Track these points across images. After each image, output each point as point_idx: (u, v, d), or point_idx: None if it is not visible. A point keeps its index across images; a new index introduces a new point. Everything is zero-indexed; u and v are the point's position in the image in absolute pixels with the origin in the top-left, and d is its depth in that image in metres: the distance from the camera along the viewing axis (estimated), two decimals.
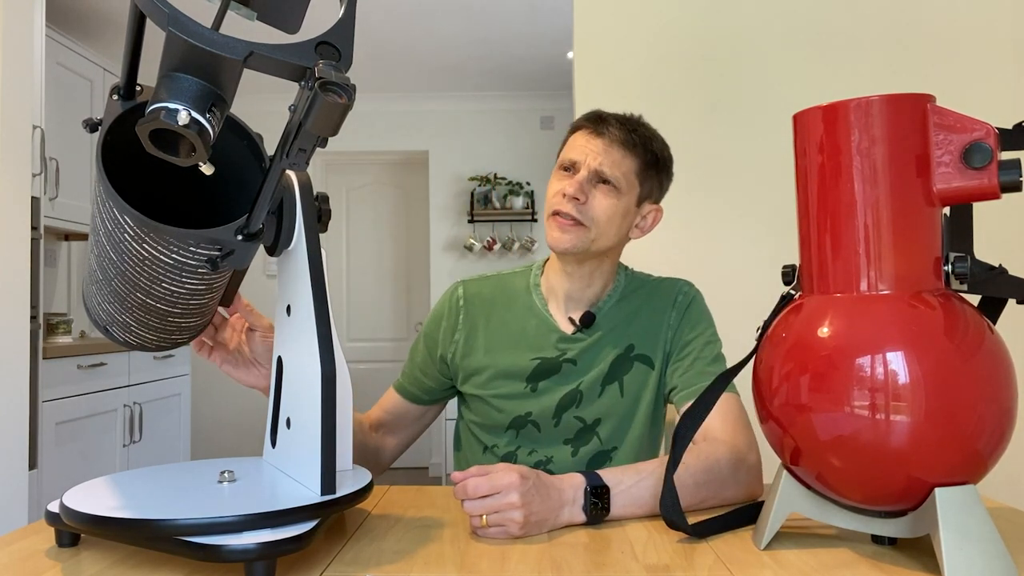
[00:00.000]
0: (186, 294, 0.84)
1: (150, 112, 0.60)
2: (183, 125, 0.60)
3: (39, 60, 2.91)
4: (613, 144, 1.14)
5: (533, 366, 1.19)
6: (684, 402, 1.12)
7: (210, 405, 4.91)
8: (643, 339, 1.19)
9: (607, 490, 0.87)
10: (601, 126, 1.16)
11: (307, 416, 0.78)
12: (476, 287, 1.28)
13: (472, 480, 0.83)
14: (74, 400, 2.98)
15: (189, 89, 0.61)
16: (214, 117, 0.62)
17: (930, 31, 2.07)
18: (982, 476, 0.69)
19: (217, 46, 0.57)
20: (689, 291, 1.24)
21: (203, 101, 0.61)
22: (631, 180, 1.15)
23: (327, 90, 0.60)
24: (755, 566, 0.73)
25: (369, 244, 5.20)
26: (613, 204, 1.14)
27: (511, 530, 0.81)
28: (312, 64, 0.61)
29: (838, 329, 0.70)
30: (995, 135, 0.68)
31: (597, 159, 1.13)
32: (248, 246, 0.77)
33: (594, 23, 2.15)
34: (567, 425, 1.18)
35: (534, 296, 1.24)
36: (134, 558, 0.75)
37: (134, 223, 0.73)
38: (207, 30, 0.57)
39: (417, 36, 3.91)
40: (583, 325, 1.19)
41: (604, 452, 1.18)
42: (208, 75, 0.61)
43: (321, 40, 0.62)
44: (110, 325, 0.90)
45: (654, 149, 1.18)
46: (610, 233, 1.15)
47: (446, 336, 1.25)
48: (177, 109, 0.60)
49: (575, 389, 1.18)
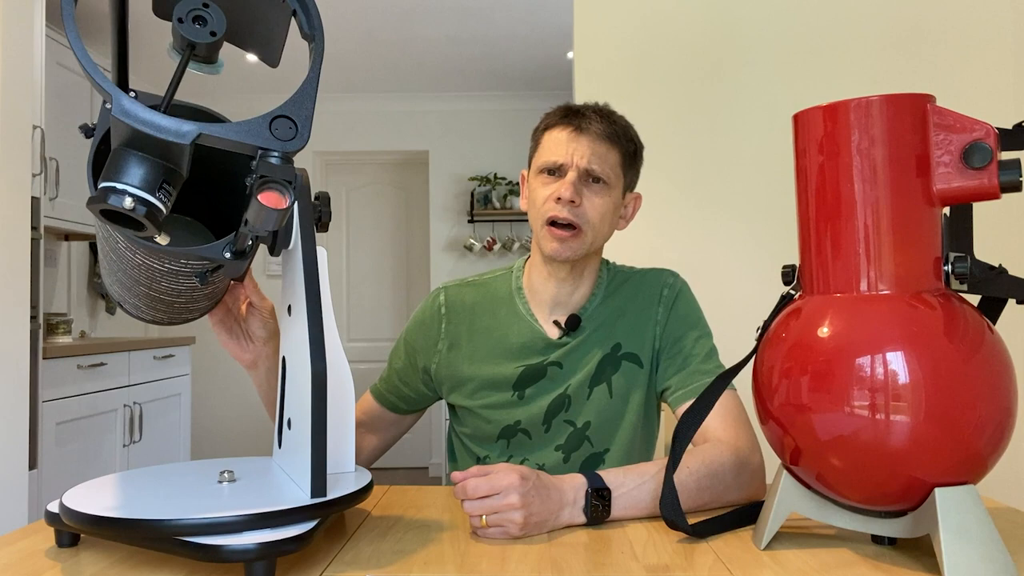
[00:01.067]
0: (187, 290, 0.84)
1: (99, 190, 0.59)
2: (129, 208, 0.59)
3: (39, 60, 2.91)
4: (597, 139, 1.09)
5: (518, 373, 1.16)
6: (681, 403, 1.10)
7: (210, 405, 4.91)
8: (630, 337, 1.16)
9: (608, 492, 0.87)
10: (581, 121, 1.10)
11: (304, 417, 0.78)
12: (458, 293, 1.23)
13: (472, 480, 0.83)
14: (74, 400, 2.98)
15: (139, 169, 0.60)
16: (165, 194, 0.61)
17: (930, 31, 2.07)
18: (982, 476, 0.69)
19: (163, 132, 0.56)
20: (674, 283, 1.19)
21: (154, 181, 0.60)
22: (617, 173, 1.12)
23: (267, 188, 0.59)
24: (755, 566, 0.72)
25: (369, 244, 5.20)
26: (606, 202, 1.10)
27: (511, 531, 0.81)
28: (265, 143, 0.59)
29: (838, 329, 0.70)
30: (995, 135, 0.68)
31: (585, 157, 1.08)
32: (238, 262, 0.77)
33: (594, 23, 2.15)
34: (557, 430, 1.16)
35: (517, 301, 1.20)
36: (134, 558, 0.75)
37: (124, 237, 0.73)
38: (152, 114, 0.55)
39: (417, 36, 3.91)
40: (569, 328, 1.15)
41: (596, 455, 1.16)
42: (160, 152, 0.60)
43: (277, 114, 0.60)
44: (123, 303, 0.91)
45: (632, 138, 1.14)
46: (604, 232, 1.12)
47: (428, 346, 1.21)
48: (125, 191, 0.59)
49: (563, 393, 1.15)
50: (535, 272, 1.19)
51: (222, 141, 0.59)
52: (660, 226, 2.10)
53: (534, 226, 1.13)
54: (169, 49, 0.66)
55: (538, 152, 1.14)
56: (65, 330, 3.25)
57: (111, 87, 0.54)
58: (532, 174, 1.15)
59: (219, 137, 0.58)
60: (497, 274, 1.26)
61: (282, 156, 0.60)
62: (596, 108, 1.13)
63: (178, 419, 3.82)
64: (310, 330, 0.74)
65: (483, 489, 0.82)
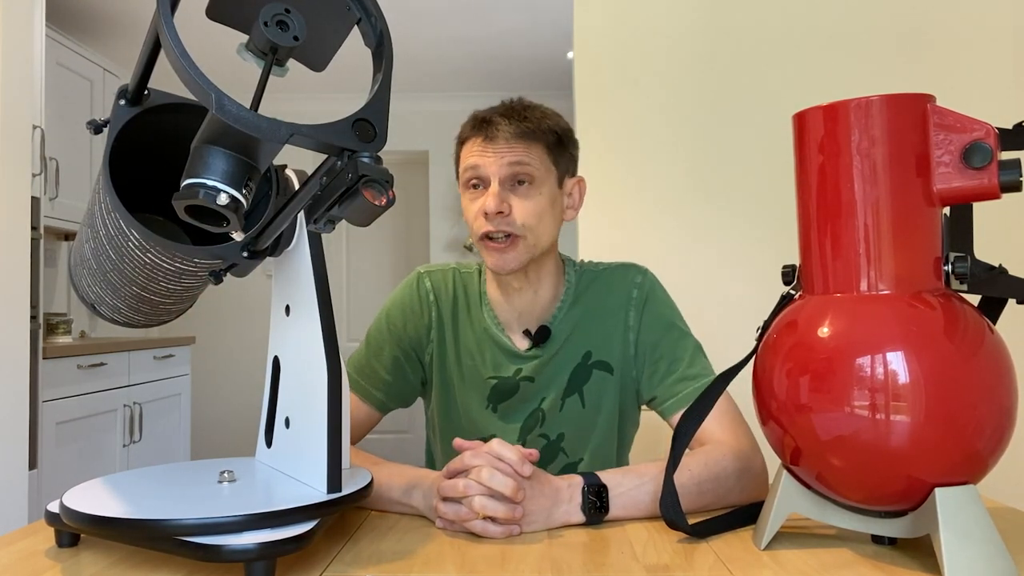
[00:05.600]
0: (182, 290, 0.84)
1: (187, 187, 0.61)
2: (222, 205, 0.61)
3: (39, 60, 2.91)
4: (510, 140, 1.05)
5: (491, 385, 1.13)
6: (674, 412, 1.08)
7: (210, 405, 4.91)
8: (600, 344, 1.13)
9: (606, 489, 0.87)
10: (489, 128, 1.06)
11: (310, 415, 0.78)
12: (441, 279, 1.18)
13: (463, 481, 0.83)
14: (74, 400, 2.98)
15: (227, 166, 0.62)
16: (249, 190, 0.64)
17: (930, 31, 2.07)
18: (982, 476, 0.69)
19: (262, 132, 0.58)
20: (643, 282, 1.15)
21: (240, 177, 0.63)
22: (546, 167, 1.07)
23: (368, 187, 0.61)
24: (755, 566, 0.72)
25: (369, 244, 5.20)
26: (537, 202, 1.06)
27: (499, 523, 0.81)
28: (351, 144, 0.61)
29: (838, 329, 0.70)
30: (995, 135, 0.68)
31: (500, 163, 1.05)
32: (251, 261, 0.78)
33: (594, 23, 2.15)
34: (532, 445, 1.12)
35: (484, 311, 1.15)
36: (134, 558, 0.75)
37: (140, 236, 0.74)
38: (251, 114, 0.57)
39: (417, 36, 3.91)
40: (539, 340, 1.11)
41: (571, 464, 1.15)
42: (245, 151, 0.63)
43: (358, 117, 0.62)
44: (98, 304, 0.91)
45: (551, 127, 1.09)
46: (546, 231, 1.08)
47: (420, 333, 1.16)
48: (217, 189, 0.61)
49: (537, 409, 1.13)
50: (491, 284, 1.16)
51: (312, 142, 0.61)
52: (660, 226, 2.10)
53: (474, 241, 1.10)
54: (240, 50, 0.67)
55: (460, 166, 1.11)
56: (65, 330, 3.24)
57: (211, 86, 0.55)
58: (461, 189, 1.11)
59: (308, 137, 0.60)
60: (468, 269, 1.21)
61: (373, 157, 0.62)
62: (505, 109, 1.09)
63: (178, 419, 3.82)
64: (323, 330, 0.75)
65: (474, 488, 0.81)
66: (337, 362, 0.75)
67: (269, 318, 1.11)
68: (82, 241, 0.87)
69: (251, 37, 0.67)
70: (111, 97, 3.51)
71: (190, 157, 0.62)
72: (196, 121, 0.67)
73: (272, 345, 0.88)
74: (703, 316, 1.22)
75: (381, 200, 0.61)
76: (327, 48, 0.72)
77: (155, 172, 0.84)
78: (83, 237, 0.87)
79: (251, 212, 0.83)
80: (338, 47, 0.72)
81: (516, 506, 0.82)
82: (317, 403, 0.76)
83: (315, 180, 0.66)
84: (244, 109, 0.57)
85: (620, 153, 2.11)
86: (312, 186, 0.66)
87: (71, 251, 0.94)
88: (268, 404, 0.87)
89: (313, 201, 0.68)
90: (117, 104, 0.77)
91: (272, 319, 0.89)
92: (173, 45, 0.56)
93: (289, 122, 0.59)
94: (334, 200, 0.64)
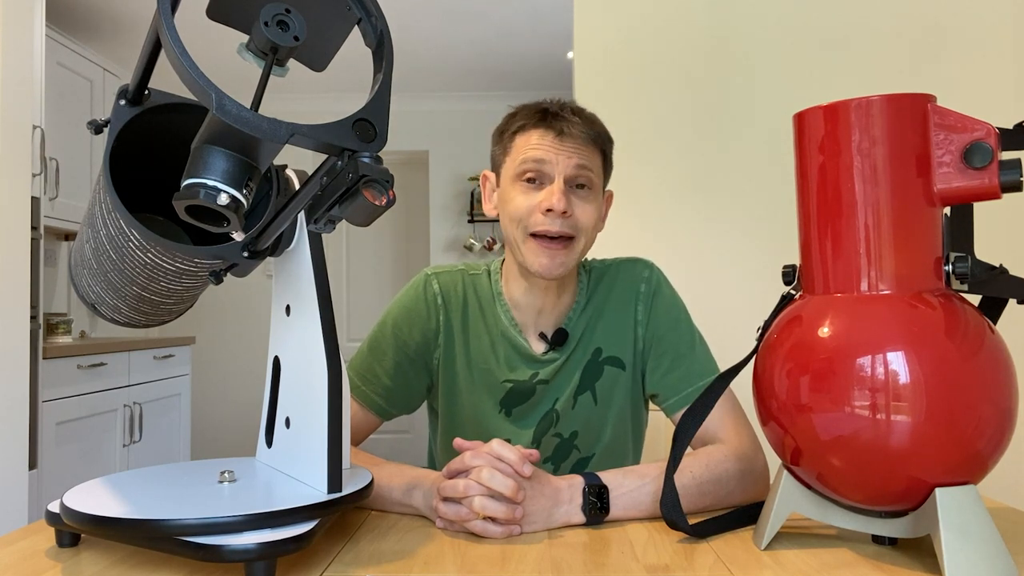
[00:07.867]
0: (182, 290, 0.84)
1: (187, 187, 0.61)
2: (223, 205, 0.61)
3: (39, 60, 2.91)
4: (582, 143, 1.01)
5: (506, 389, 1.11)
6: (676, 410, 1.07)
7: (210, 405, 4.91)
8: (610, 340, 1.11)
9: (606, 490, 0.87)
10: (563, 124, 1.00)
11: (310, 415, 0.78)
12: (450, 281, 1.13)
13: (463, 482, 0.83)
14: (74, 400, 2.98)
15: (228, 166, 0.62)
16: (249, 190, 0.64)
17: (931, 31, 2.07)
18: (982, 476, 0.69)
19: (262, 132, 0.58)
20: (651, 276, 1.13)
21: (240, 177, 0.63)
22: (600, 176, 1.05)
23: (369, 187, 0.61)
24: (755, 566, 0.72)
25: (369, 244, 5.20)
26: (595, 208, 1.03)
27: (499, 524, 0.81)
28: (351, 144, 0.61)
29: (838, 329, 0.70)
30: (996, 135, 0.68)
31: (569, 163, 1.00)
32: (252, 261, 0.78)
33: (594, 23, 2.15)
34: (546, 445, 1.12)
35: (499, 310, 1.12)
36: (134, 558, 0.75)
37: (141, 236, 0.74)
38: (251, 114, 0.57)
39: (417, 36, 3.91)
40: (557, 344, 1.09)
41: (584, 459, 1.14)
42: (246, 151, 0.63)
43: (358, 117, 0.62)
44: (99, 304, 0.91)
45: (610, 137, 1.07)
46: (592, 238, 1.05)
47: (427, 338, 1.12)
48: (217, 189, 0.61)
49: (551, 410, 1.12)
50: (514, 284, 1.11)
51: (312, 142, 0.61)
52: (660, 226, 2.10)
53: (513, 238, 1.04)
54: (241, 50, 0.67)
55: (511, 156, 1.04)
56: (65, 330, 3.24)
57: (212, 86, 0.56)
58: (507, 181, 1.05)
59: (308, 137, 0.60)
60: (478, 271, 1.16)
61: (373, 157, 0.62)
62: (572, 108, 1.04)
63: (178, 419, 3.82)
64: (323, 331, 0.76)
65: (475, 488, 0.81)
66: (337, 362, 0.75)
67: (269, 318, 1.11)
68: (82, 241, 0.87)
69: (251, 37, 0.67)
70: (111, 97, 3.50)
71: (190, 157, 0.62)
72: (196, 121, 0.67)
73: (272, 345, 0.88)
74: (703, 316, 1.22)
75: (381, 200, 0.61)
76: (327, 48, 0.72)
77: (155, 172, 0.84)
78: (83, 237, 0.87)
79: (251, 212, 0.83)
80: (338, 47, 0.72)
81: (516, 506, 0.81)
82: (317, 403, 0.76)
83: (315, 180, 0.66)
84: (244, 109, 0.57)
85: (620, 153, 2.10)
86: (312, 186, 0.66)
87: (71, 251, 0.94)
88: (268, 404, 0.87)
89: (313, 201, 0.68)
90: (117, 104, 0.77)
91: (272, 319, 0.89)
92: (173, 45, 0.56)
93: (289, 122, 0.59)
94: (334, 200, 0.64)
